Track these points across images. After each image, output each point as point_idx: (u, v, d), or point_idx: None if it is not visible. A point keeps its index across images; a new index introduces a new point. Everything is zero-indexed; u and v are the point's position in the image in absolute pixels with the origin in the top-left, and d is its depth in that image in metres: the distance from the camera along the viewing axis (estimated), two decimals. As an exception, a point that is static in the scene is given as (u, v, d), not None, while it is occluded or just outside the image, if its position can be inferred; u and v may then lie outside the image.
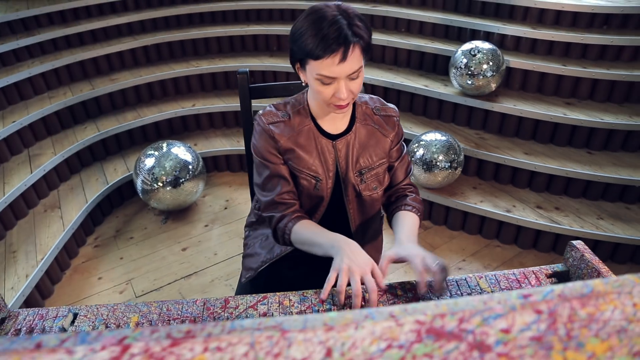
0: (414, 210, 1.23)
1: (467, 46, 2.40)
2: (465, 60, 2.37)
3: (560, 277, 1.10)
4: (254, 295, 1.06)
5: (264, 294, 1.05)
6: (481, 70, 2.34)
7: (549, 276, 1.08)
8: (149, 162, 2.46)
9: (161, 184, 2.43)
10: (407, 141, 2.49)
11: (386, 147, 1.24)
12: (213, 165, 2.99)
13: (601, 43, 2.38)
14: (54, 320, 1.04)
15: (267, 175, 1.24)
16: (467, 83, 2.40)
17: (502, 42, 2.62)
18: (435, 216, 2.46)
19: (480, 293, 1.01)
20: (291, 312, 1.00)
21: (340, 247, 1.06)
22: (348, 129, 1.22)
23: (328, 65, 1.01)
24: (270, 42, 3.27)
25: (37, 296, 2.08)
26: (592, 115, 2.27)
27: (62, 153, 2.54)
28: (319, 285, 1.22)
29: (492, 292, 1.02)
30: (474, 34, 2.70)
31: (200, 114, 3.05)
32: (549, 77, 2.45)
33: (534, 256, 2.23)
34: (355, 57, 1.02)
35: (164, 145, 2.54)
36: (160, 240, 2.46)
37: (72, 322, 1.03)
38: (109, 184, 2.58)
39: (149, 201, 2.52)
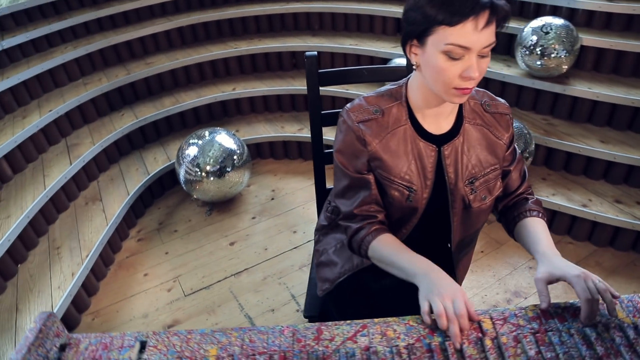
0: (540, 215, 1.07)
1: (536, 23, 2.17)
2: (535, 39, 2.15)
3: None
4: (350, 323, 0.92)
5: (363, 323, 0.91)
6: (553, 50, 2.11)
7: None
8: (192, 151, 2.33)
9: (205, 174, 2.31)
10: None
11: (499, 152, 1.07)
12: (256, 153, 2.85)
13: (691, 17, 2.13)
14: (120, 351, 0.92)
15: (347, 184, 1.08)
16: (536, 64, 2.18)
17: (571, 16, 2.37)
18: (498, 209, 2.28)
19: (619, 324, 0.86)
20: (397, 345, 0.86)
21: (425, 274, 0.93)
22: (455, 130, 1.04)
23: (465, 32, 0.84)
24: (311, 20, 3.07)
25: (84, 294, 2.00)
26: (681, 99, 2.04)
27: (100, 142, 2.43)
28: (407, 299, 1.07)
29: (632, 323, 0.86)
30: (539, 9, 2.46)
31: (241, 99, 2.90)
32: (627, 56, 2.21)
33: (612, 255, 2.05)
34: (493, 30, 0.87)
35: (206, 133, 2.40)
36: (206, 233, 2.35)
37: (141, 351, 0.92)
38: (150, 174, 2.47)
39: (192, 192, 2.40)
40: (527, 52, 2.18)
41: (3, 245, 1.83)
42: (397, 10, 2.76)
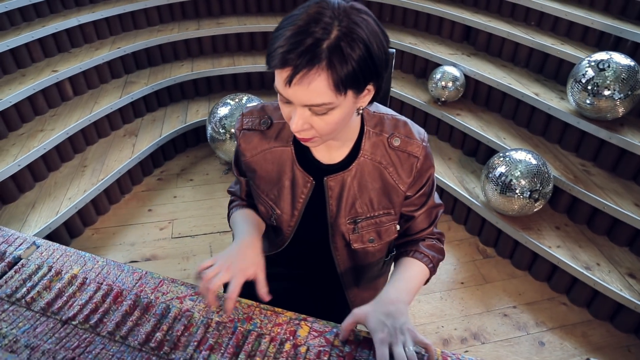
0: (424, 259, 0.96)
1: (598, 56, 1.93)
2: (590, 74, 1.92)
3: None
4: (190, 286, 0.97)
5: (197, 289, 0.95)
6: (607, 90, 1.87)
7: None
8: (223, 111, 2.46)
9: (229, 136, 2.43)
10: (494, 152, 2.15)
11: (395, 198, 0.95)
12: (291, 129, 2.92)
13: None
14: (17, 248, 1.06)
15: (235, 172, 1.11)
16: (586, 102, 1.95)
17: (654, 59, 2.07)
18: (502, 247, 2.11)
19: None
20: (212, 318, 0.89)
21: (237, 242, 0.93)
22: (348, 162, 0.93)
23: (280, 82, 0.74)
24: (383, 12, 3.02)
25: (92, 211, 2.25)
26: None
27: (152, 85, 2.67)
28: (285, 295, 1.06)
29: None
30: (619, 43, 2.17)
31: (292, 74, 2.96)
32: (703, 117, 1.88)
33: (606, 331, 1.80)
34: (317, 88, 0.71)
35: (244, 97, 2.52)
36: (216, 189, 2.50)
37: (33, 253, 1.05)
38: (186, 124, 2.66)
39: (215, 150, 2.55)
40: (578, 88, 1.96)
41: (38, 151, 2.12)
42: (467, 18, 2.61)
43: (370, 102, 0.84)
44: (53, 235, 2.01)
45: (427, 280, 1.01)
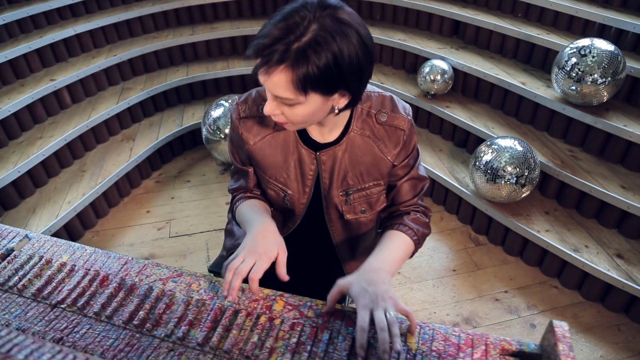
0: (409, 232, 1.00)
1: (580, 42, 1.96)
2: (573, 60, 1.94)
3: (527, 360, 0.84)
4: (170, 268, 1.01)
5: (180, 272, 1.00)
6: (590, 75, 1.90)
7: (511, 354, 0.83)
8: (217, 112, 2.52)
9: (223, 136, 2.49)
10: (481, 141, 2.18)
11: (383, 169, 1.01)
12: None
13: None
14: (10, 241, 1.11)
15: (234, 168, 1.15)
16: (571, 89, 1.97)
17: (636, 44, 2.10)
18: (493, 234, 2.13)
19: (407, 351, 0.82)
20: (192, 296, 0.93)
21: (254, 229, 0.95)
22: (339, 138, 0.99)
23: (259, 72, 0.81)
24: (374, 10, 3.06)
25: (92, 214, 2.31)
26: None
27: (148, 90, 2.73)
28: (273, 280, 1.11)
29: (416, 349, 0.83)
30: (603, 30, 2.20)
31: (285, 75, 3.02)
32: (686, 98, 1.90)
33: (597, 312, 1.82)
34: (280, 83, 0.78)
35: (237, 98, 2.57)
36: (212, 189, 2.55)
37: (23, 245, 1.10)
38: (182, 127, 2.72)
39: (211, 151, 2.60)
40: (562, 75, 1.98)
41: (37, 158, 2.18)
42: (455, 12, 2.64)
43: (349, 105, 0.88)
44: (54, 238, 2.06)
45: (413, 253, 1.05)
